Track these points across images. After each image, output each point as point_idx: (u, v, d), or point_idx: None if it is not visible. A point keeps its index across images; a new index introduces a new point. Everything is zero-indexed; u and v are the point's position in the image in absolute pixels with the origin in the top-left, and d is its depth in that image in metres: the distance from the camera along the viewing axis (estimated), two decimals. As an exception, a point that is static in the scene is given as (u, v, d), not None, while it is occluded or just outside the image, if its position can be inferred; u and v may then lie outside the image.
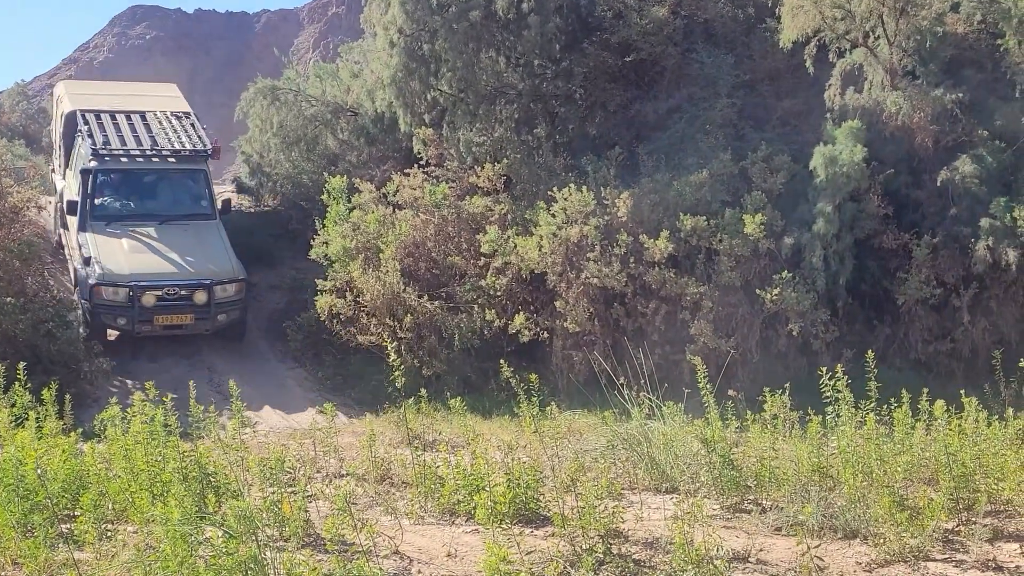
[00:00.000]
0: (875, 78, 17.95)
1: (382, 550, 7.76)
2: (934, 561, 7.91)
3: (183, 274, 17.81)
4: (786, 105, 19.28)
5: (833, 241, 16.90)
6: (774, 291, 16.64)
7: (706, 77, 19.23)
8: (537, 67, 20.06)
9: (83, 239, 18.36)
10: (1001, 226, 16.40)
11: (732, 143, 18.38)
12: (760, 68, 19.66)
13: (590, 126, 19.80)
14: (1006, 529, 8.78)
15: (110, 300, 17.28)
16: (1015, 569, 7.72)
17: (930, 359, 17.10)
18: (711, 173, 17.58)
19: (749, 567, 7.67)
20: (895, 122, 17.57)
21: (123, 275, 17.30)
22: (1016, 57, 17.31)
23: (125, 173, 19.50)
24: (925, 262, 16.79)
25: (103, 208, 18.95)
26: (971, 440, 9.58)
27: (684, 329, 17.07)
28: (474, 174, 19.43)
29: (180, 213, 19.21)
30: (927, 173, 17.58)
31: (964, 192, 16.95)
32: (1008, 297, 16.90)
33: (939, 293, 16.85)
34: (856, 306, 17.38)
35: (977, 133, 17.44)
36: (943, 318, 17.09)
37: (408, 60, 19.61)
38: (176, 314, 17.57)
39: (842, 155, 16.85)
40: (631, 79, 19.81)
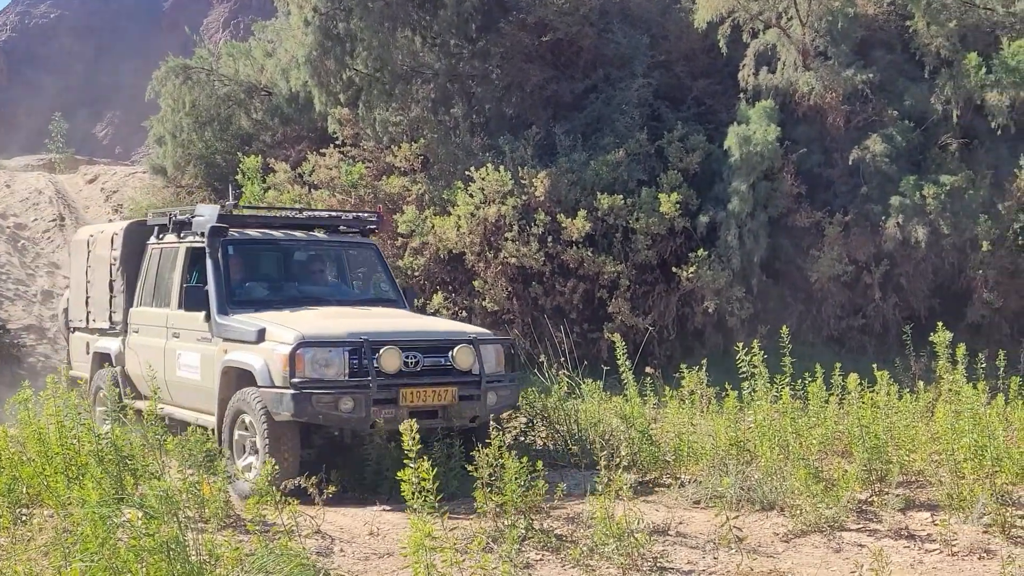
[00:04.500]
0: (788, 59, 18.15)
1: (304, 530, 7.74)
2: (849, 531, 8.07)
3: (428, 328, 10.69)
4: (701, 85, 19.42)
5: (747, 219, 17.09)
6: (690, 269, 16.81)
7: (622, 57, 19.30)
8: (454, 47, 19.98)
9: (224, 322, 10.39)
10: (911, 204, 16.71)
11: (648, 123, 18.49)
12: (675, 49, 19.78)
13: (507, 106, 19.77)
14: (917, 499, 8.99)
15: (320, 376, 9.44)
16: (926, 537, 7.92)
17: (843, 335, 17.41)
18: (627, 152, 17.69)
19: (669, 539, 7.76)
20: (808, 102, 17.81)
21: (340, 334, 9.68)
22: (925, 38, 17.62)
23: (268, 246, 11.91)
24: (837, 240, 17.06)
25: (245, 291, 11.06)
26: (883, 413, 9.79)
27: (602, 307, 17.19)
28: (391, 154, 19.33)
29: (353, 299, 11.69)
30: (839, 152, 17.86)
31: (875, 171, 17.24)
32: (918, 273, 17.24)
33: (851, 270, 17.13)
34: (770, 283, 17.61)
35: (887, 113, 17.73)
36: (855, 294, 17.40)
37: (323, 39, 19.40)
38: (431, 388, 9.70)
39: (756, 135, 17.04)
40: (548, 59, 19.80)
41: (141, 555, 5.42)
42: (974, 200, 16.88)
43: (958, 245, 16.94)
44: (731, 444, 9.77)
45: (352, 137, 20.20)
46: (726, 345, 16.40)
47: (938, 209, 16.57)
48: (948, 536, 7.81)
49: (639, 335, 16.24)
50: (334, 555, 7.57)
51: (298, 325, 9.73)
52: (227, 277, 10.71)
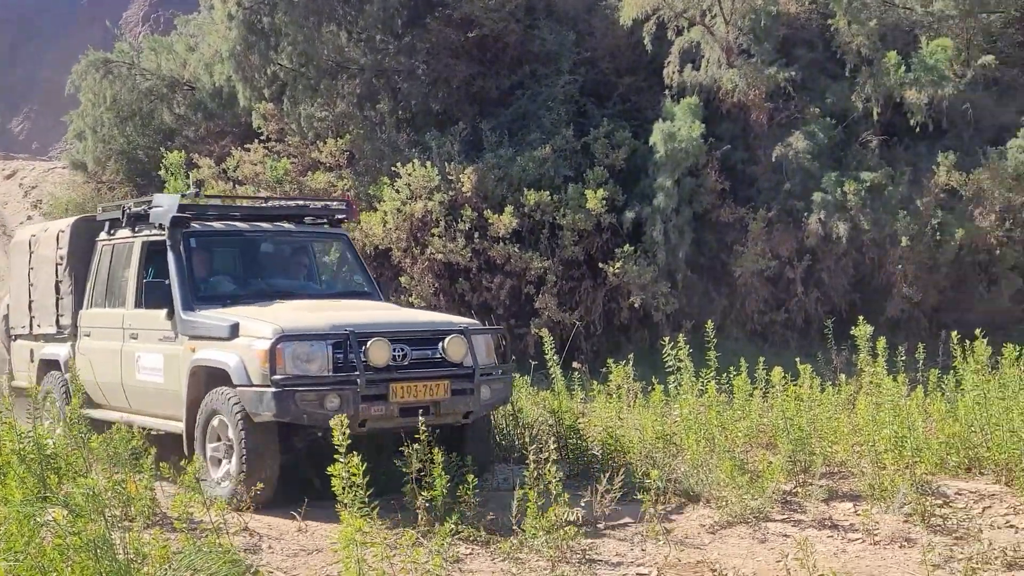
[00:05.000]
0: (712, 56, 18.32)
1: (232, 527, 7.68)
2: (774, 521, 8.19)
3: (415, 319, 10.07)
4: (627, 82, 19.55)
5: (673, 215, 17.25)
6: (616, 265, 16.92)
7: (548, 54, 19.37)
8: (379, 42, 19.91)
9: (191, 318, 9.64)
10: (832, 200, 16.96)
11: (574, 119, 18.58)
12: (601, 45, 19.88)
13: (433, 102, 19.75)
14: (840, 489, 9.14)
15: (302, 373, 8.67)
16: (849, 526, 8.06)
17: (766, 329, 17.63)
18: (554, 148, 17.76)
19: (597, 532, 7.82)
20: (731, 99, 18.00)
21: (322, 326, 8.95)
22: (846, 37, 17.88)
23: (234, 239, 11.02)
24: (760, 235, 17.27)
25: (211, 286, 10.30)
26: (806, 406, 9.95)
27: (529, 303, 17.25)
28: (316, 149, 19.24)
29: (325, 292, 11.03)
30: (762, 149, 18.08)
31: (797, 167, 17.47)
32: (839, 268, 17.50)
33: (774, 265, 17.35)
34: (695, 278, 17.78)
35: (809, 110, 17.99)
36: (778, 289, 17.62)
37: (247, 34, 19.24)
38: (422, 382, 8.97)
39: (681, 131, 17.19)
40: (474, 55, 19.82)
41: (67, 554, 5.35)
42: (893, 196, 17.17)
43: (878, 241, 17.22)
44: (658, 437, 9.87)
45: (277, 132, 20.07)
46: (652, 340, 16.54)
47: (859, 205, 16.84)
48: (870, 525, 7.95)
49: (566, 330, 16.30)
50: (262, 552, 7.53)
51: (275, 318, 9.04)
52: (191, 271, 9.96)
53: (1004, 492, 8.93)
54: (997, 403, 9.45)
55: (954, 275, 17.55)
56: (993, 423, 9.36)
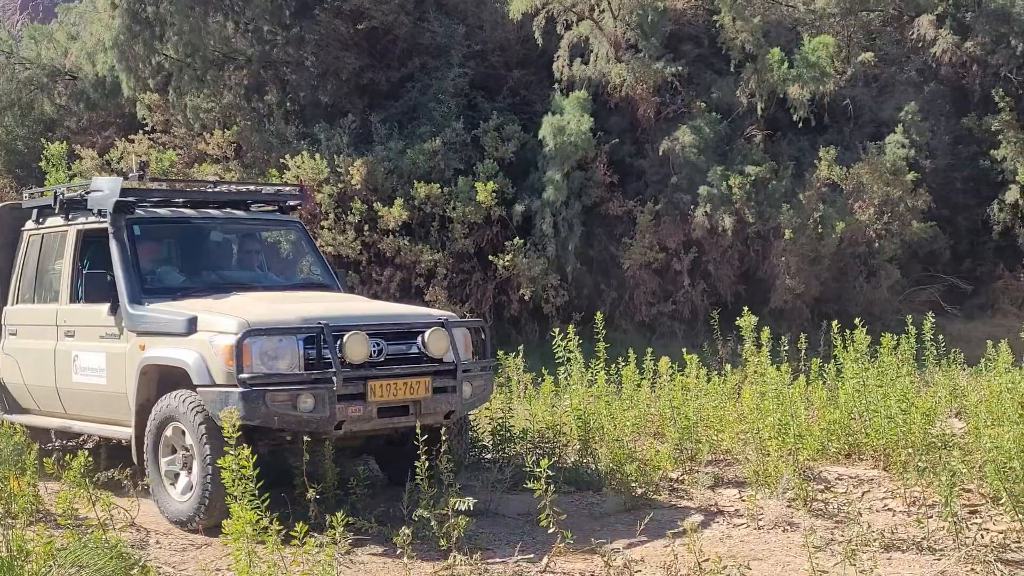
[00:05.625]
0: (600, 51, 18.52)
1: (118, 523, 7.56)
2: (661, 508, 8.32)
3: (390, 311, 9.23)
4: (516, 75, 19.65)
5: (562, 208, 17.40)
6: (506, 257, 17.01)
7: (438, 47, 19.38)
8: (267, 33, 19.73)
9: (139, 313, 8.73)
10: (718, 194, 17.27)
11: (464, 112, 18.63)
12: (491, 39, 19.96)
13: (322, 94, 19.62)
14: (726, 476, 9.33)
15: (271, 371, 7.84)
16: (734, 512, 8.23)
17: (654, 320, 17.88)
18: (444, 141, 17.79)
19: (487, 521, 7.88)
20: (620, 93, 18.22)
21: (291, 319, 8.10)
22: (731, 33, 18.20)
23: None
24: (648, 228, 17.51)
25: (158, 277, 9.40)
26: (693, 395, 10.13)
27: (419, 295, 17.25)
28: (203, 141, 18.99)
29: (281, 283, 10.09)
30: (650, 143, 18.34)
31: (684, 161, 17.75)
32: (724, 260, 17.84)
33: (661, 257, 17.62)
34: (584, 271, 17.96)
35: (696, 105, 18.30)
36: (665, 281, 17.89)
37: (131, 23, 18.91)
38: (402, 379, 8.18)
39: (570, 125, 17.34)
40: (364, 47, 19.73)
41: (-53, 552, 5.24)
42: (777, 190, 17.56)
43: (762, 233, 17.61)
44: (548, 427, 9.96)
45: (162, 123, 19.77)
46: (542, 332, 16.68)
47: (743, 198, 17.18)
48: (754, 511, 8.13)
49: (456, 323, 16.31)
50: (150, 547, 7.43)
51: (239, 311, 8.15)
52: (136, 261, 8.98)
53: (882, 477, 9.21)
54: (875, 390, 9.71)
55: (835, 267, 18.04)
56: (872, 410, 9.62)
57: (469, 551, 6.64)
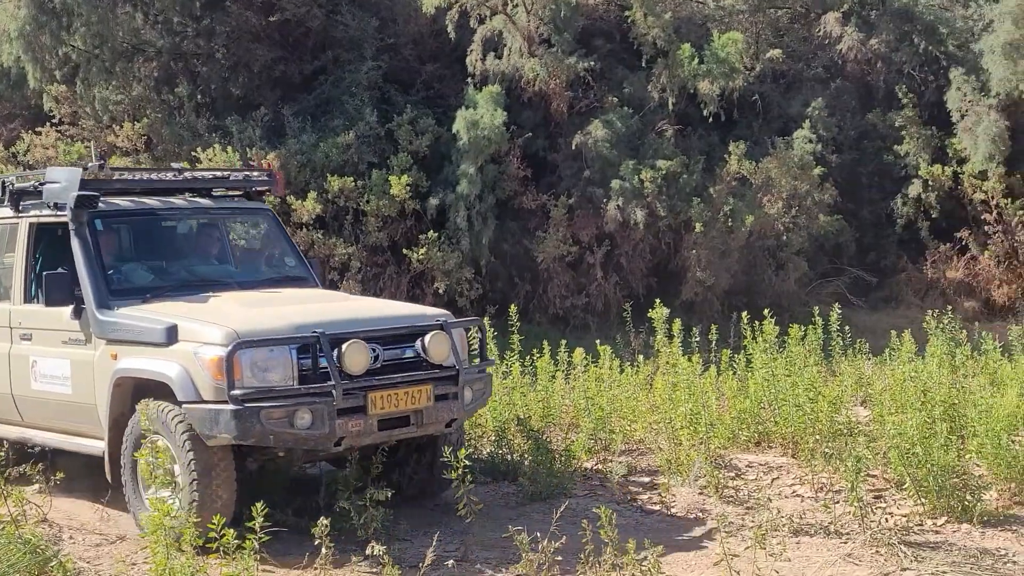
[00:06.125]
0: (514, 45, 18.58)
1: (30, 519, 7.50)
2: (576, 497, 8.45)
3: (386, 313, 8.51)
4: (430, 69, 19.64)
5: (476, 202, 17.46)
6: (420, 251, 17.03)
7: (351, 40, 19.29)
8: (177, 24, 19.48)
9: (109, 319, 8.05)
10: (630, 187, 17.44)
11: (378, 105, 18.57)
12: (404, 32, 19.91)
13: (234, 86, 19.44)
14: (639, 465, 9.50)
15: (264, 384, 7.28)
16: (647, 500, 8.39)
17: (567, 313, 18.02)
18: (358, 135, 17.72)
19: (406, 512, 7.94)
20: (533, 88, 18.31)
21: (283, 327, 7.55)
22: (642, 28, 18.38)
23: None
24: (562, 221, 17.64)
25: (124, 276, 8.64)
26: (607, 386, 10.29)
27: (333, 289, 17.17)
28: (112, 133, 18.71)
29: (257, 279, 9.32)
30: (563, 137, 18.46)
31: (597, 155, 17.90)
32: (636, 254, 18.04)
33: (575, 251, 17.76)
34: (498, 264, 18.04)
35: (608, 100, 18.47)
36: (578, 274, 18.03)
37: (38, 13, 18.54)
38: (403, 388, 7.64)
39: (483, 119, 17.39)
40: (276, 40, 19.56)
41: None
42: (688, 184, 17.80)
43: (674, 227, 17.84)
44: (464, 419, 10.03)
45: (70, 115, 19.44)
46: (456, 325, 16.71)
47: (655, 192, 17.38)
48: (667, 498, 8.30)
49: (371, 316, 16.29)
50: (63, 543, 7.39)
51: (223, 318, 7.54)
52: (100, 260, 8.27)
53: (791, 464, 9.44)
54: (784, 380, 9.94)
55: (744, 260, 18.34)
56: (780, 399, 9.84)
57: (387, 540, 6.69)
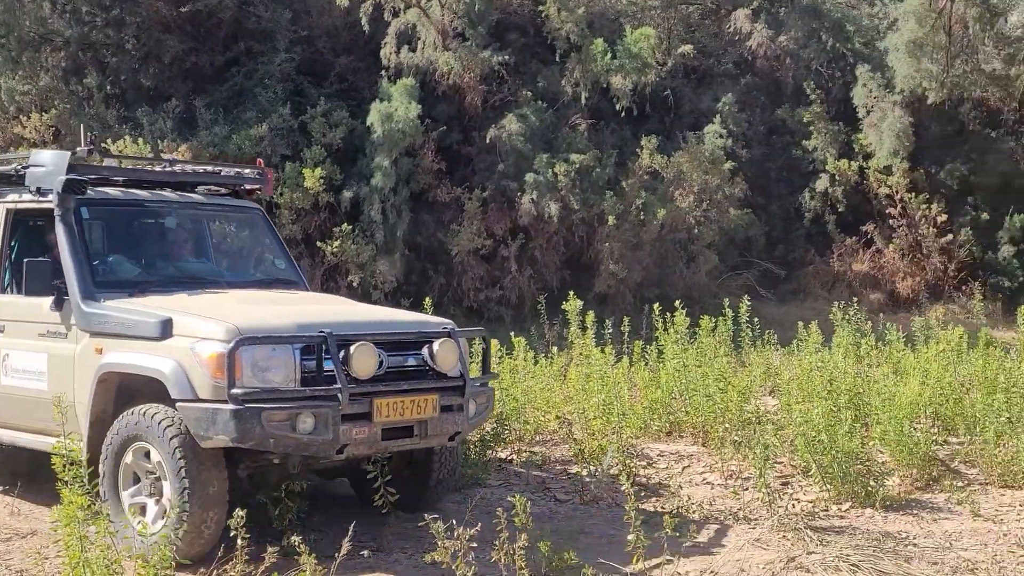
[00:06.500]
0: (428, 38, 18.62)
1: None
2: (490, 487, 8.53)
3: (392, 318, 8.11)
4: (344, 62, 19.59)
5: (390, 195, 17.47)
6: (335, 243, 16.99)
7: (264, 31, 19.17)
8: (86, 14, 19.19)
9: (95, 311, 7.50)
10: (544, 181, 17.58)
11: (291, 97, 18.50)
12: (318, 24, 19.83)
13: (144, 77, 19.20)
14: (553, 455, 9.60)
15: (265, 385, 6.80)
16: (560, 488, 8.50)
17: (482, 305, 18.11)
18: (271, 127, 17.63)
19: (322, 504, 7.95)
20: (447, 81, 18.36)
21: (287, 326, 7.06)
22: (556, 23, 18.52)
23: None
24: (476, 214, 17.72)
25: (110, 269, 8.19)
26: (521, 377, 10.37)
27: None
28: (19, 124, 18.41)
29: (246, 278, 8.90)
30: (477, 130, 18.55)
31: (511, 149, 18.00)
32: (550, 247, 18.19)
33: (489, 244, 17.86)
34: (413, 257, 18.07)
35: (522, 93, 18.58)
36: (493, 267, 18.13)
37: (-60, 0, 18.24)
38: (410, 397, 7.19)
39: (398, 112, 17.40)
40: (187, 30, 19.36)
41: None
42: (601, 178, 17.99)
43: (587, 220, 18.02)
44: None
45: (-24, 106, 19.09)
46: (371, 318, 16.70)
47: (568, 186, 17.54)
48: (580, 487, 8.42)
49: (285, 309, 16.22)
50: (-29, 538, 7.29)
51: (223, 314, 7.04)
52: (86, 250, 7.81)
53: (701, 452, 9.62)
54: (694, 370, 10.13)
55: (656, 252, 18.58)
56: (691, 389, 10.03)
57: (301, 531, 6.72)
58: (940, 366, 10.39)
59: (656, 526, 7.06)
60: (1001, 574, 6.49)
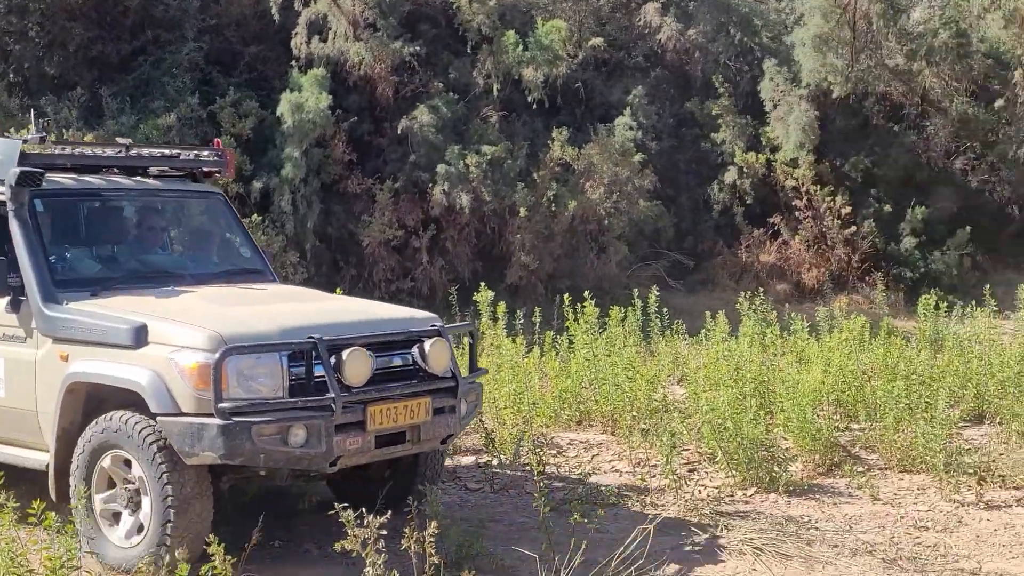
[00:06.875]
0: (339, 28, 18.52)
1: None
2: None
3: (380, 316, 7.50)
4: (253, 51, 19.41)
5: (301, 186, 17.39)
6: (245, 235, 16.86)
7: (172, 20, 18.91)
8: (-12, 0, 18.83)
9: (57, 314, 6.92)
10: (455, 172, 17.62)
11: (200, 87, 18.29)
12: (227, 13, 19.61)
13: (49, 65, 18.84)
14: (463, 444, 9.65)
15: (253, 396, 6.32)
16: (471, 478, 8.58)
17: (393, 296, 18.03)
18: (179, 117, 17.42)
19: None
20: (358, 72, 18.30)
21: (272, 331, 6.58)
22: (467, 15, 18.55)
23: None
24: (387, 206, 17.70)
25: (69, 266, 7.55)
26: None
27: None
28: (-82, 112, 18.01)
29: (212, 271, 8.21)
30: (388, 121, 18.52)
31: (422, 140, 18.01)
32: (462, 238, 18.23)
33: (400, 235, 17.85)
34: (324, 248, 18.00)
35: (433, 85, 18.60)
36: (404, 258, 18.13)
37: None
38: (402, 402, 6.75)
39: (308, 102, 17.32)
40: (93, 18, 19.02)
41: None
42: (512, 169, 18.07)
43: (498, 211, 18.09)
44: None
45: None
46: (281, 309, 16.60)
47: (480, 177, 17.59)
48: (491, 476, 8.49)
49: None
50: None
51: (201, 319, 6.56)
52: (43, 247, 7.17)
53: (610, 440, 9.75)
54: (604, 360, 10.26)
55: (567, 244, 18.73)
56: (601, 379, 10.16)
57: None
58: (843, 355, 10.62)
59: (565, 513, 7.18)
60: (898, 555, 6.70)
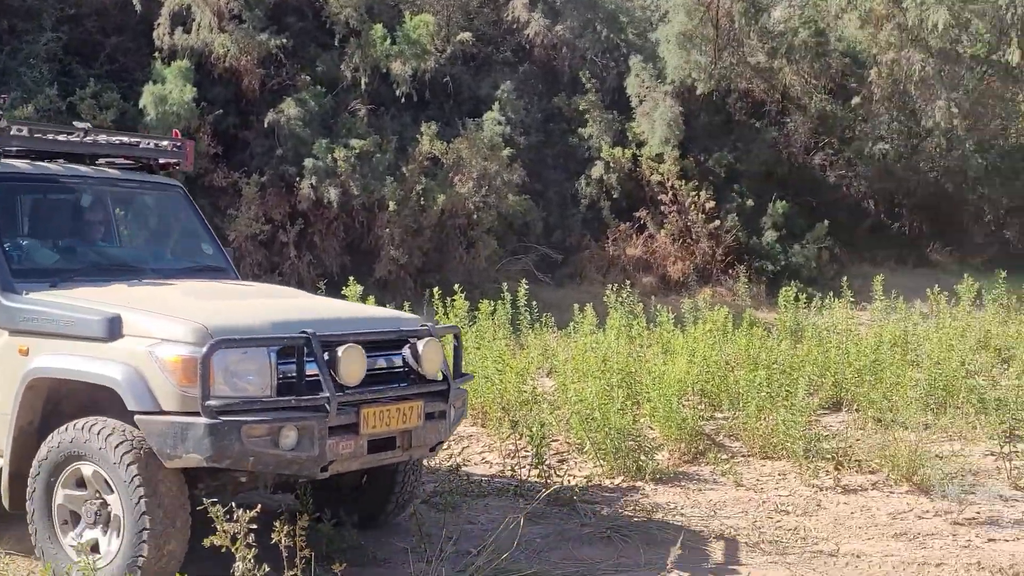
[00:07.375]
0: (203, 20, 18.24)
1: None
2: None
3: (368, 315, 7.09)
4: (114, 42, 19.00)
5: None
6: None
7: (28, 9, 18.42)
8: None
9: (18, 305, 6.34)
10: (323, 166, 17.52)
11: (59, 78, 17.85)
12: (87, 3, 19.15)
13: None
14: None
15: (240, 394, 5.72)
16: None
17: (257, 292, 17.91)
18: (37, 108, 16.96)
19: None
20: (224, 64, 18.06)
21: (261, 324, 6.01)
22: (335, 8, 18.45)
23: None
24: (254, 200, 17.51)
25: (27, 255, 6.96)
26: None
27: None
28: None
29: (174, 265, 7.73)
30: (255, 115, 18.32)
31: (290, 134, 17.86)
32: (330, 232, 18.13)
33: (268, 229, 17.67)
34: (190, 243, 17.71)
35: (301, 78, 18.45)
36: (272, 253, 17.95)
37: None
38: (395, 405, 6.20)
39: (172, 94, 17.05)
40: (-56, 5, 18.50)
41: None
42: (381, 163, 18.02)
43: (367, 205, 18.03)
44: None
45: None
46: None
47: (348, 171, 17.52)
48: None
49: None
50: None
51: (181, 311, 6.04)
52: (0, 235, 6.66)
53: (480, 432, 9.82)
54: (474, 353, 10.31)
55: (436, 238, 18.76)
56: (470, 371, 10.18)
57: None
58: (707, 345, 10.85)
59: (436, 505, 7.21)
60: (760, 538, 6.88)
